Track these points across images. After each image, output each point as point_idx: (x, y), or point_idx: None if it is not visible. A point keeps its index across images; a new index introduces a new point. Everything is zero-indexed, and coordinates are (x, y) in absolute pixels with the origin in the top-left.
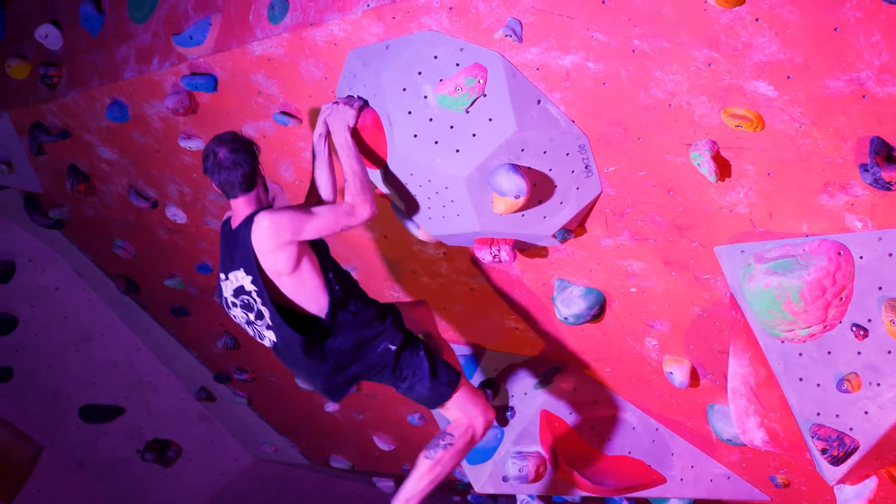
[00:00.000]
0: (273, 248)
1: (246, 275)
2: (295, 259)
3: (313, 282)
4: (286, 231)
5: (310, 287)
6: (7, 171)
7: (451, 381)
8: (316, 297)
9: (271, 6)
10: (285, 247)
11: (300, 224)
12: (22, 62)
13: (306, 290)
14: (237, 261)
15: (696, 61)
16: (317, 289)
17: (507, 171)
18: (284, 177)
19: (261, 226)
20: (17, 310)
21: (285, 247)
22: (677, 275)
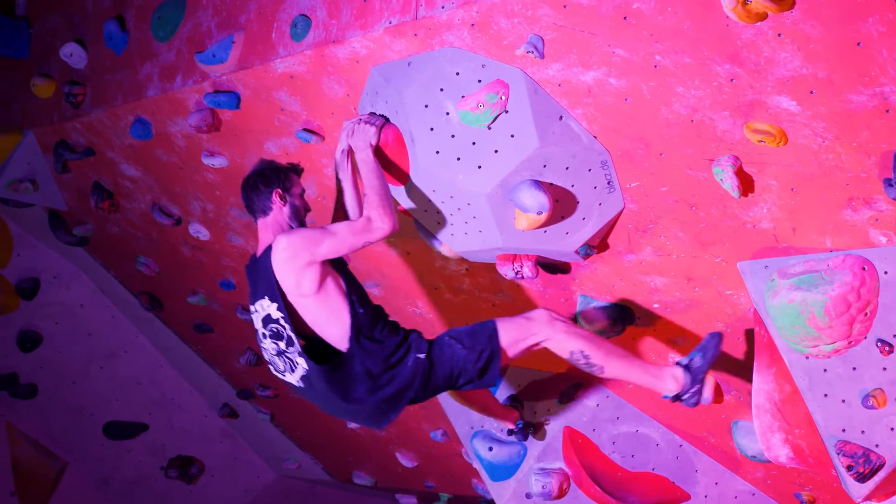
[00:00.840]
0: (294, 270)
1: (271, 302)
2: (318, 280)
3: (337, 303)
4: (305, 251)
5: (334, 309)
6: (32, 188)
7: (491, 335)
8: (340, 320)
9: (294, 24)
10: (307, 268)
11: (317, 244)
12: (47, 81)
13: (330, 313)
14: (261, 289)
15: (718, 77)
16: (340, 311)
17: (530, 188)
18: (308, 194)
19: (279, 248)
20: (42, 327)
21: (307, 268)
22: (700, 290)
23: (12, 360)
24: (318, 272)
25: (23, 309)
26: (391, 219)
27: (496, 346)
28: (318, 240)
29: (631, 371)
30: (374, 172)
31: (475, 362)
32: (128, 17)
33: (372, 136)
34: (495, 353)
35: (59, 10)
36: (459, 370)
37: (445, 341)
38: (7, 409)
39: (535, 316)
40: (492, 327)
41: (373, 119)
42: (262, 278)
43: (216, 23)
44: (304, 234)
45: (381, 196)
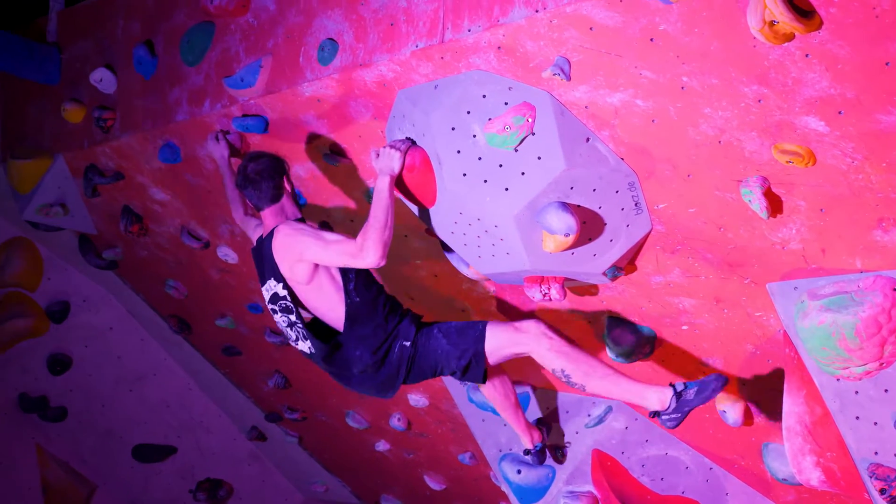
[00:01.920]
0: (288, 261)
1: (277, 282)
2: (310, 272)
3: (329, 293)
4: (294, 250)
5: (326, 297)
6: (62, 212)
7: (478, 337)
8: (333, 308)
9: (321, 48)
10: (297, 263)
11: (304, 247)
12: (77, 106)
13: (323, 301)
14: (267, 270)
15: (745, 98)
16: (333, 299)
17: (557, 209)
18: (335, 216)
19: (277, 239)
20: (72, 350)
21: (297, 263)
22: (729, 312)
23: (42, 384)
24: (308, 266)
25: (53, 332)
26: (379, 254)
27: (481, 349)
28: (306, 244)
29: (614, 389)
30: (383, 202)
31: (458, 359)
32: (157, 42)
33: (395, 163)
34: (479, 355)
35: (89, 36)
36: (442, 364)
37: (433, 333)
38: (37, 431)
39: (526, 327)
40: (480, 329)
41: (399, 144)
42: (266, 261)
43: (244, 47)
44: (299, 236)
45: (379, 230)
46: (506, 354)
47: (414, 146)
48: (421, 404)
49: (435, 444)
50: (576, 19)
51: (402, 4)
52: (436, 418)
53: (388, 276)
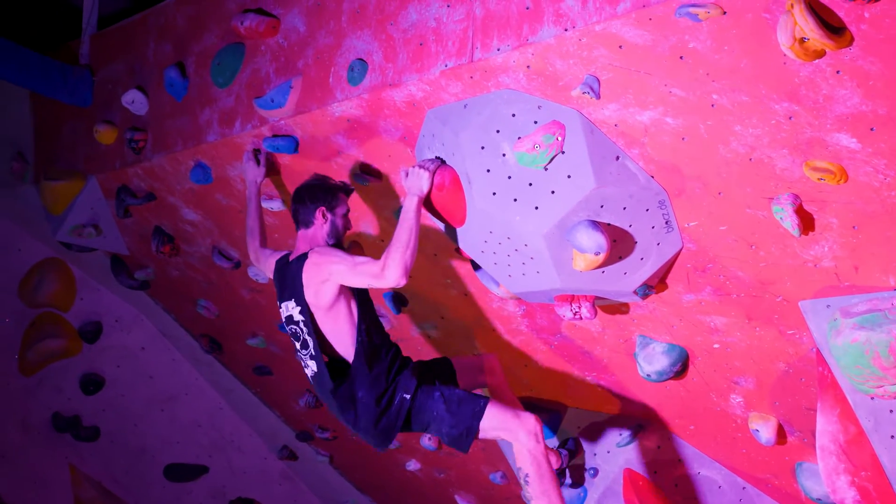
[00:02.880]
0: (315, 283)
1: (296, 305)
2: (333, 297)
3: (345, 324)
4: (324, 270)
5: (341, 328)
6: (95, 233)
7: (476, 413)
8: (345, 341)
9: (351, 68)
10: (323, 284)
11: (334, 267)
12: (109, 127)
13: (338, 331)
14: (288, 290)
15: (776, 115)
16: (347, 333)
17: (587, 228)
18: (365, 235)
19: (311, 260)
20: (104, 370)
21: (323, 284)
22: (761, 330)
23: (75, 403)
24: (334, 289)
25: (85, 352)
26: (399, 273)
27: (475, 425)
28: (337, 263)
29: None
30: (408, 222)
31: (451, 427)
32: (188, 64)
33: (424, 183)
34: (471, 430)
35: (121, 58)
36: (434, 426)
37: (435, 395)
38: (70, 451)
39: (524, 422)
40: (481, 406)
41: (428, 164)
42: (289, 280)
43: (274, 68)
44: (331, 254)
45: (402, 248)
46: (494, 436)
47: (443, 165)
48: None
49: (466, 464)
50: (605, 38)
51: (431, 24)
52: None
53: (418, 294)
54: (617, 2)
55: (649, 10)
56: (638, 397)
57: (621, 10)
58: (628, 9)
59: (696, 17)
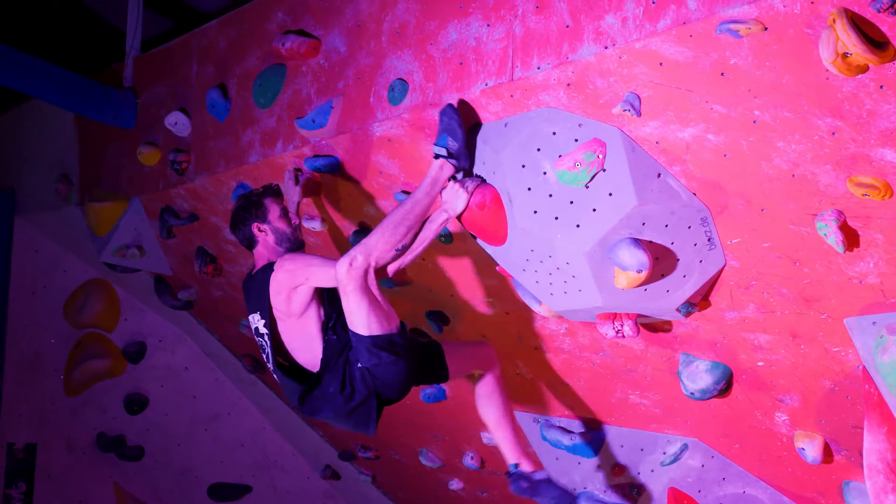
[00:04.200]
0: (288, 288)
1: (261, 318)
2: (307, 300)
3: (312, 329)
4: (302, 275)
5: (308, 333)
6: (138, 254)
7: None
8: (312, 347)
9: (391, 88)
10: (300, 287)
11: (312, 270)
12: (153, 149)
13: (304, 337)
14: (253, 304)
15: (819, 130)
16: (313, 339)
17: (629, 246)
18: None
19: (283, 269)
20: (148, 390)
21: (300, 287)
22: (806, 348)
23: (120, 423)
24: (307, 294)
25: (129, 372)
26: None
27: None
28: (313, 265)
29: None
30: (426, 232)
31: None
32: (230, 86)
33: (459, 205)
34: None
35: (164, 80)
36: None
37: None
38: (115, 470)
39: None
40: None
41: (468, 184)
42: (254, 295)
43: (315, 89)
44: (305, 259)
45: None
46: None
47: (484, 184)
48: (494, 442)
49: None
50: (645, 55)
51: (471, 44)
52: None
53: (459, 313)
54: (657, 19)
55: (690, 27)
56: (682, 416)
57: (661, 28)
58: (668, 26)
59: (736, 33)
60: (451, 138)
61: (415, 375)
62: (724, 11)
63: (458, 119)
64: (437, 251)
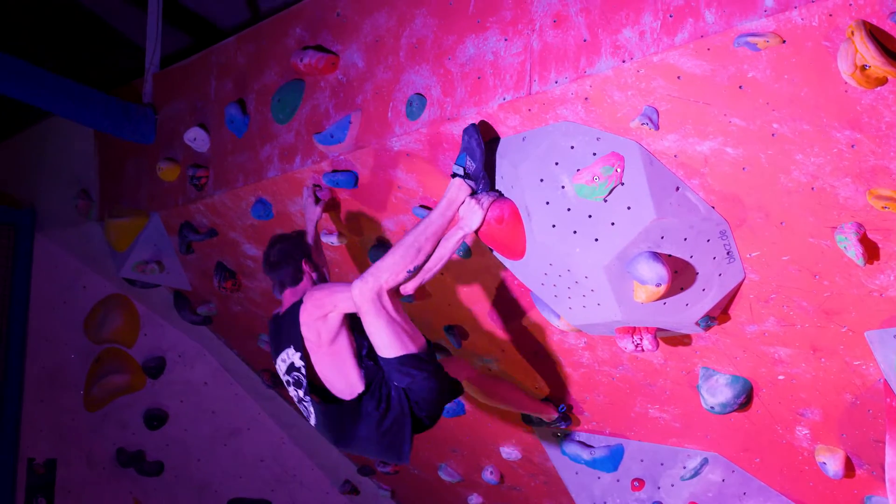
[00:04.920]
0: (317, 318)
1: (295, 351)
2: (336, 328)
3: (346, 356)
4: (330, 303)
5: (342, 361)
6: (158, 269)
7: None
8: (346, 374)
9: (409, 102)
10: (329, 315)
11: (340, 297)
12: (172, 165)
13: (338, 365)
14: (285, 340)
15: (838, 143)
16: (347, 364)
17: (648, 259)
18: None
19: (311, 301)
20: (168, 405)
21: (329, 315)
22: (827, 361)
23: (139, 438)
24: (337, 321)
25: (149, 387)
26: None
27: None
28: (340, 292)
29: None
30: (442, 250)
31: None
32: (248, 101)
33: (475, 222)
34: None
35: (183, 96)
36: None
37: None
38: (135, 486)
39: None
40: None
41: (484, 200)
42: (285, 331)
43: (334, 104)
44: (330, 287)
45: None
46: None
47: (502, 199)
48: (514, 457)
49: (528, 498)
50: (663, 69)
51: (488, 58)
52: (529, 471)
53: (479, 328)
54: (675, 33)
55: (707, 41)
56: (702, 430)
57: (679, 41)
58: (686, 39)
59: (754, 46)
60: (470, 159)
61: (447, 393)
62: (742, 24)
63: (477, 139)
64: (455, 265)
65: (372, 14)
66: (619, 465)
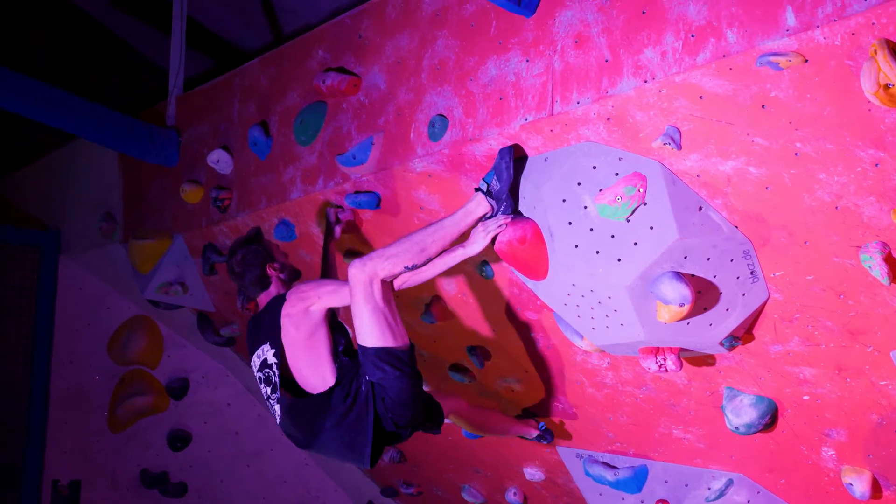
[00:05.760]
0: (300, 311)
1: (270, 347)
2: (317, 321)
3: (322, 352)
4: (314, 294)
5: (317, 357)
6: (181, 291)
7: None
8: (322, 370)
9: (431, 124)
10: (311, 307)
11: (324, 289)
12: (195, 187)
13: (313, 360)
14: (263, 337)
15: (861, 162)
16: (322, 360)
17: (671, 279)
18: (447, 290)
19: (295, 295)
20: (191, 426)
21: (311, 307)
22: (852, 381)
23: (163, 460)
24: (318, 315)
25: (173, 409)
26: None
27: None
28: (326, 285)
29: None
30: (443, 261)
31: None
32: (271, 123)
33: (478, 247)
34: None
35: (207, 119)
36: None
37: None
38: None
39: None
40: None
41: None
42: (265, 328)
43: (356, 125)
44: (316, 281)
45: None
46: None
47: (524, 219)
48: (537, 478)
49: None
50: (685, 88)
51: (510, 79)
52: (552, 492)
53: (501, 348)
54: (696, 52)
55: (729, 60)
56: (726, 450)
57: (701, 61)
58: (708, 59)
59: (777, 65)
60: (497, 179)
61: (422, 407)
62: (764, 44)
63: (507, 163)
64: (478, 286)
65: (394, 36)
66: (644, 487)
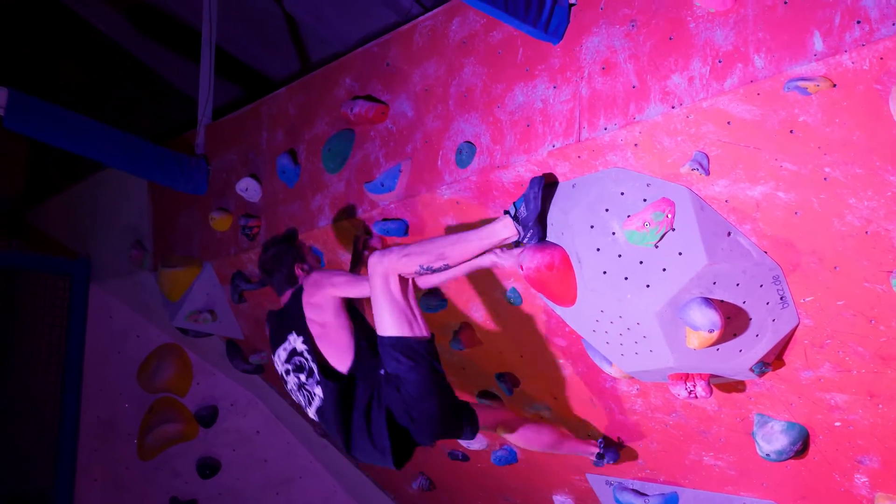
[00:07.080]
0: (319, 297)
1: (297, 336)
2: (337, 304)
3: (344, 340)
4: (328, 282)
5: (340, 345)
6: (210, 318)
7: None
8: (345, 353)
9: (459, 151)
10: (325, 294)
11: (337, 279)
12: (224, 215)
13: (339, 345)
14: (287, 328)
15: (892, 186)
16: (347, 345)
17: (700, 305)
18: (475, 317)
19: (311, 283)
20: (220, 454)
21: (325, 294)
22: (885, 407)
23: (192, 487)
24: (335, 302)
25: (202, 436)
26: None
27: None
28: (339, 275)
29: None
30: (463, 266)
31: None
32: (299, 151)
33: (486, 261)
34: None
35: (235, 147)
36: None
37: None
38: None
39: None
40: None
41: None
42: (288, 319)
43: (384, 153)
44: (331, 271)
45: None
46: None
47: (552, 246)
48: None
49: None
50: (713, 114)
51: (537, 105)
52: None
53: (530, 375)
54: (724, 78)
55: (757, 86)
56: (758, 477)
57: (729, 86)
58: (736, 84)
59: (805, 90)
60: (525, 206)
61: (446, 405)
62: (792, 69)
63: (535, 193)
64: (506, 313)
65: (421, 64)
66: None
